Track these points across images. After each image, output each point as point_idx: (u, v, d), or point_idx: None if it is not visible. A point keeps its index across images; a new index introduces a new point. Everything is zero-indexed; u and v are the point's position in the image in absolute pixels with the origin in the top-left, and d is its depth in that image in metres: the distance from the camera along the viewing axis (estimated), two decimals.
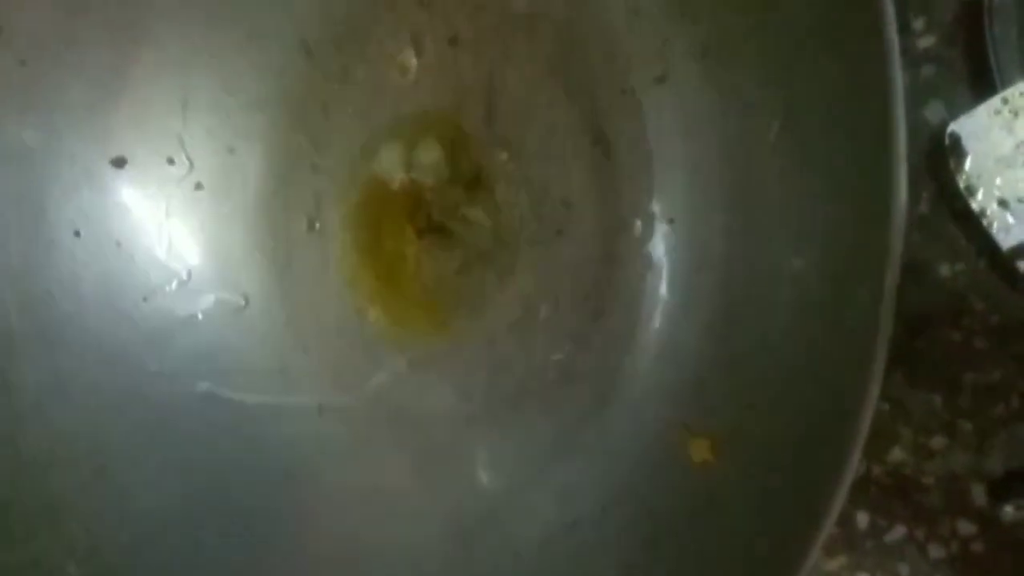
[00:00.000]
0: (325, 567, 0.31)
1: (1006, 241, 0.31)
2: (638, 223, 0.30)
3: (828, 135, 0.24)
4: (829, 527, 0.21)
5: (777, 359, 0.26)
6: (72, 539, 0.29)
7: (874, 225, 0.22)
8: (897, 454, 0.35)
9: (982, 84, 0.32)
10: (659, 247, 0.30)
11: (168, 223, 0.33)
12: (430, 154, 0.33)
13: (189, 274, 0.33)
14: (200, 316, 0.33)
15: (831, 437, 0.22)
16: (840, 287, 0.24)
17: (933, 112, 0.33)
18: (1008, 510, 0.33)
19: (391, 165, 0.33)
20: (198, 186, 0.33)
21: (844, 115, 0.23)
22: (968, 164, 0.31)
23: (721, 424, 0.27)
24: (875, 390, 0.21)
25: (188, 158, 0.33)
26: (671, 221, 0.30)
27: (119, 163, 0.32)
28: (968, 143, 0.31)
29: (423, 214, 0.34)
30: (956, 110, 0.32)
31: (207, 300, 0.33)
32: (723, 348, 0.28)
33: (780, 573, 0.22)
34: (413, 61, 0.33)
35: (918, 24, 0.33)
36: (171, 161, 0.33)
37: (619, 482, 0.29)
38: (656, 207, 0.30)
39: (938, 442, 0.34)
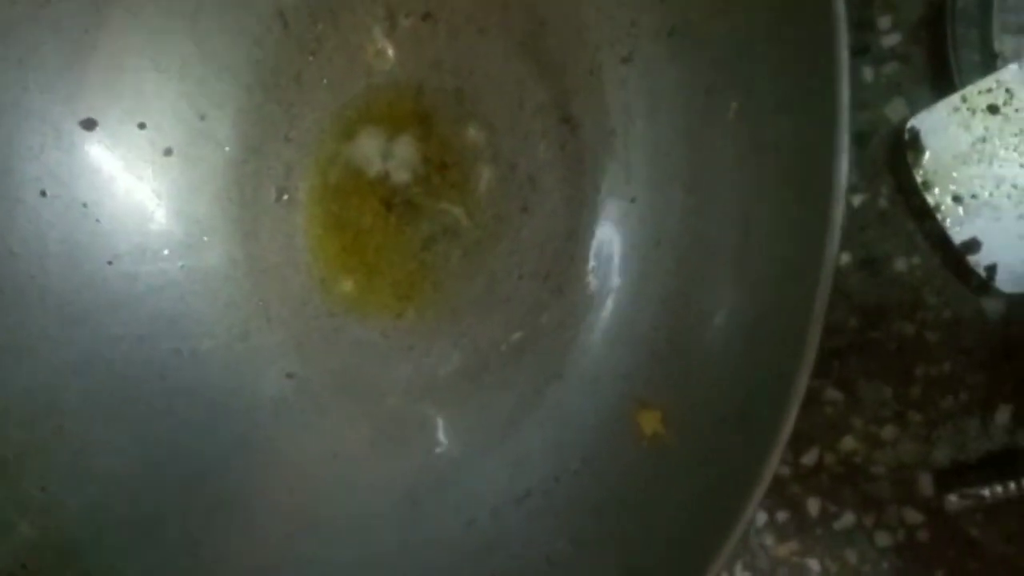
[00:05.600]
0: (281, 532, 0.31)
1: (959, 236, 0.32)
2: (600, 201, 0.31)
3: (780, 119, 0.24)
4: (760, 493, 0.22)
5: (726, 333, 0.26)
6: (26, 497, 0.29)
7: (816, 210, 0.22)
8: (849, 443, 0.35)
9: (943, 83, 0.33)
10: (619, 225, 0.31)
11: (136, 187, 0.33)
12: (407, 150, 0.33)
13: (155, 239, 0.33)
14: (164, 282, 0.33)
15: (769, 410, 0.22)
16: (782, 269, 0.24)
17: (895, 110, 0.34)
18: (953, 500, 0.34)
19: (369, 155, 0.33)
20: (168, 151, 0.33)
21: (794, 101, 0.23)
22: (926, 159, 0.32)
23: (672, 397, 0.27)
24: (808, 366, 0.21)
25: (158, 123, 0.33)
26: (632, 200, 0.30)
27: (89, 125, 0.32)
28: (927, 138, 0.32)
29: (392, 190, 0.34)
30: (917, 108, 0.33)
31: (172, 266, 0.33)
32: (676, 323, 0.28)
33: (715, 536, 0.22)
34: (387, 35, 0.33)
35: (884, 22, 0.34)
36: (142, 125, 0.33)
37: (571, 453, 0.29)
38: (618, 185, 0.31)
39: (889, 432, 0.35)
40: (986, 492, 0.33)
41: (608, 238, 0.31)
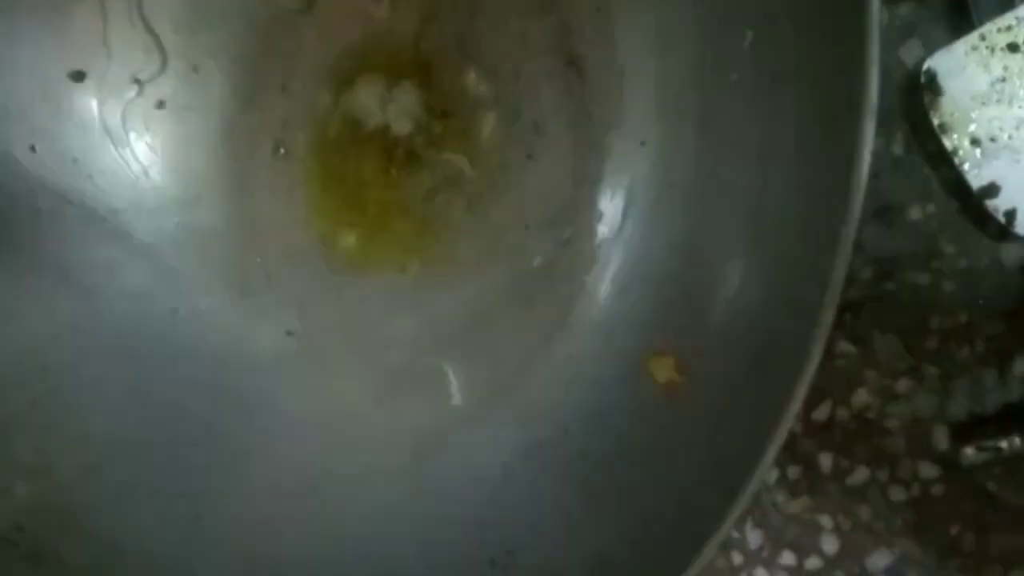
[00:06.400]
0: (284, 494, 0.31)
1: (977, 180, 0.31)
2: (608, 145, 0.30)
3: (800, 46, 0.23)
4: (778, 444, 0.21)
5: (741, 281, 0.25)
6: (21, 459, 0.29)
7: (842, 142, 0.21)
8: (862, 397, 0.35)
9: (960, 22, 0.32)
10: (629, 169, 0.30)
11: (128, 142, 0.32)
12: (407, 98, 0.32)
13: (150, 195, 0.32)
14: (160, 239, 0.32)
15: (789, 353, 0.22)
16: (804, 210, 0.23)
17: (909, 52, 0.33)
18: (969, 453, 0.33)
19: (368, 105, 0.32)
20: (160, 104, 0.32)
21: (815, 23, 0.22)
22: (943, 101, 0.31)
23: (685, 344, 0.27)
24: (831, 310, 0.21)
25: (150, 75, 0.32)
26: (642, 142, 0.29)
27: (78, 77, 0.31)
28: (944, 80, 0.31)
29: (393, 141, 0.33)
30: (933, 50, 0.32)
31: (168, 222, 0.33)
32: (688, 268, 0.27)
33: (730, 490, 0.22)
34: None
35: None
36: (132, 78, 0.32)
37: (581, 404, 0.29)
38: (627, 128, 0.30)
39: (903, 385, 0.34)
40: (1004, 444, 0.32)
41: (617, 183, 0.30)
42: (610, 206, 0.30)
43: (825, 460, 0.35)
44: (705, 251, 0.27)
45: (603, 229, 0.31)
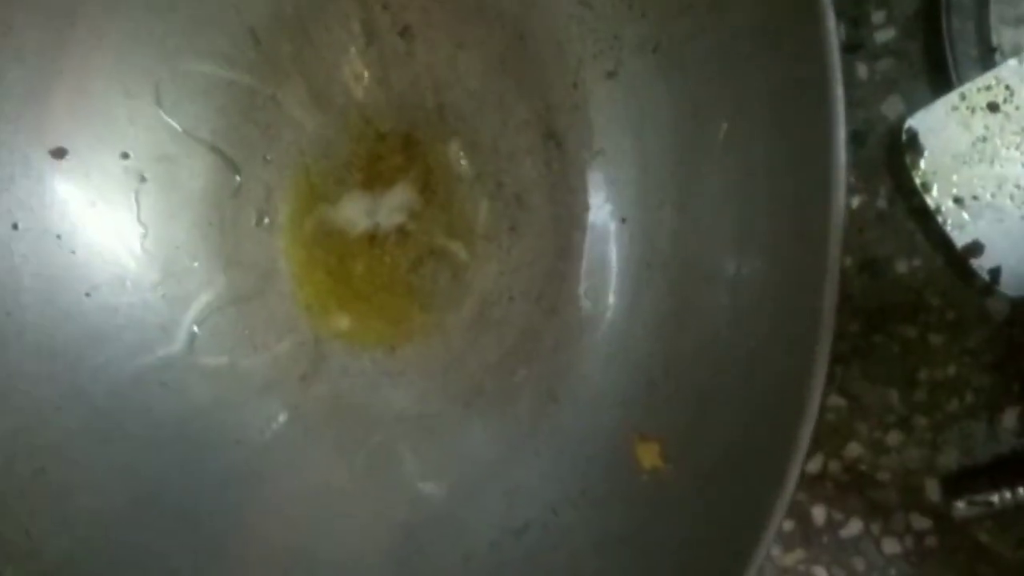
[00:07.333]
0: (274, 569, 0.30)
1: (960, 238, 0.31)
2: (589, 220, 0.30)
3: (771, 139, 0.23)
4: (772, 532, 0.21)
5: (722, 362, 0.25)
6: (9, 542, 0.29)
7: (812, 231, 0.21)
8: (854, 449, 0.35)
9: (940, 78, 0.32)
10: (610, 245, 0.30)
11: (111, 216, 0.32)
12: (398, 197, 0.32)
13: (134, 268, 0.32)
14: (145, 312, 0.32)
15: (775, 441, 0.22)
16: (780, 293, 0.23)
17: (891, 107, 0.33)
18: (960, 506, 0.33)
19: (355, 216, 0.32)
20: (142, 178, 0.32)
21: (785, 119, 0.22)
22: (924, 160, 0.31)
23: (670, 428, 0.26)
24: (816, 400, 0.21)
25: (131, 149, 0.32)
26: (623, 220, 0.29)
27: (59, 153, 0.31)
28: (925, 139, 0.31)
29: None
30: (914, 105, 0.32)
31: (153, 295, 0.32)
32: (671, 349, 0.27)
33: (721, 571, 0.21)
34: (363, 51, 0.32)
35: (878, 17, 0.33)
36: (114, 152, 0.32)
37: (570, 484, 0.28)
38: (607, 204, 0.30)
39: (894, 437, 0.34)
40: (995, 498, 0.32)
41: (599, 258, 0.30)
42: (594, 280, 0.30)
43: (819, 513, 0.35)
44: (687, 331, 0.27)
45: (587, 303, 0.31)
